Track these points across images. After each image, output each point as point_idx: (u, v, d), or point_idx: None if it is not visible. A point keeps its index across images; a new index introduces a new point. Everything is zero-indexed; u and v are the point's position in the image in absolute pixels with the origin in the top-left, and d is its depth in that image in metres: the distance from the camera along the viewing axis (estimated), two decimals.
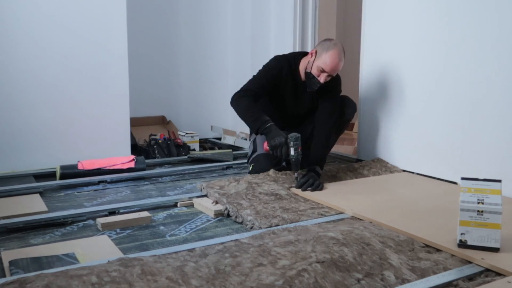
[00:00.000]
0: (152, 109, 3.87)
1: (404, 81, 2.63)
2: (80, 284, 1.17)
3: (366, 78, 2.89)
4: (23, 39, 2.61)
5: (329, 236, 1.51)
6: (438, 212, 1.87)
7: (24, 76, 2.64)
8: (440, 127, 2.44)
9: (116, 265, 1.30)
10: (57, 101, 2.73)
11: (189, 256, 1.40)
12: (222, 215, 1.96)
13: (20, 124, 2.65)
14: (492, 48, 2.16)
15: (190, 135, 3.48)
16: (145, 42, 3.75)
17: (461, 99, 2.32)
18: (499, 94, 2.15)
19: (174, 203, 2.13)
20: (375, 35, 2.81)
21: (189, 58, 3.99)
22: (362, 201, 2.02)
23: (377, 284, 1.28)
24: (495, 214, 1.42)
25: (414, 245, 1.54)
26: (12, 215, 1.88)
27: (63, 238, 1.71)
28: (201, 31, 4.01)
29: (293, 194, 2.15)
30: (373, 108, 2.85)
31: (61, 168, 2.55)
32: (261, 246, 1.46)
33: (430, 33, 2.45)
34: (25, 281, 1.19)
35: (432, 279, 1.30)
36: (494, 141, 2.18)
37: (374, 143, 2.85)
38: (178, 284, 1.20)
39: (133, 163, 2.71)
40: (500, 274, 1.35)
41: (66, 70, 2.74)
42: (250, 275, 1.26)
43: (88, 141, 2.83)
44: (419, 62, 2.53)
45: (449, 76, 2.38)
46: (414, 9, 2.54)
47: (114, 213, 1.96)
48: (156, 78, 3.88)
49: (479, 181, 1.51)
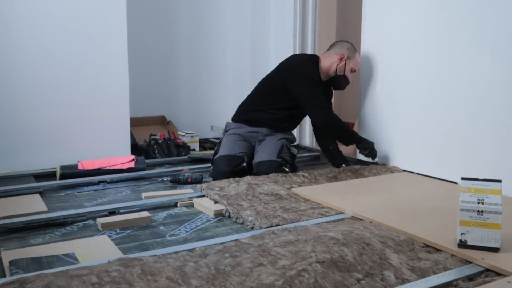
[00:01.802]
0: (152, 109, 3.87)
1: (404, 81, 2.63)
2: (80, 284, 1.17)
3: (366, 78, 2.89)
4: (23, 40, 2.62)
5: (329, 236, 1.51)
6: (438, 212, 1.87)
7: (24, 76, 2.64)
8: (440, 127, 2.44)
9: (116, 265, 1.30)
10: (57, 101, 2.73)
11: (189, 256, 1.40)
12: (222, 215, 1.96)
13: (20, 124, 2.66)
14: (492, 48, 2.16)
15: (190, 135, 3.48)
16: (145, 42, 3.75)
17: (461, 99, 2.32)
18: (499, 94, 2.14)
19: (174, 203, 2.13)
20: (375, 35, 2.81)
21: (189, 58, 3.99)
22: (362, 201, 2.02)
23: (377, 284, 1.28)
24: (495, 214, 1.42)
25: (414, 245, 1.54)
26: (12, 215, 1.88)
27: (63, 238, 1.71)
28: (201, 31, 4.00)
29: (293, 194, 2.15)
30: (373, 108, 2.84)
31: (61, 168, 2.55)
32: (261, 246, 1.46)
33: (430, 33, 2.45)
34: (25, 281, 1.19)
35: (432, 279, 1.30)
36: (494, 141, 2.18)
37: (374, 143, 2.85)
38: (178, 284, 1.20)
39: (133, 163, 2.71)
40: (500, 274, 1.34)
41: (66, 70, 2.74)
42: (250, 275, 1.26)
43: (88, 141, 2.83)
44: (419, 62, 2.53)
45: (449, 76, 2.38)
46: (414, 10, 2.54)
47: (114, 213, 1.96)
48: (156, 78, 3.88)
49: (479, 181, 1.51)
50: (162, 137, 3.27)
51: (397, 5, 2.64)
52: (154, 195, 2.22)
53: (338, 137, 2.73)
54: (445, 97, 2.40)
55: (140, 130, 3.53)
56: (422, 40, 2.50)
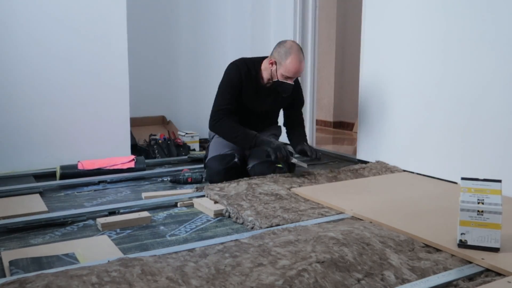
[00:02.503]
0: (152, 109, 3.87)
1: (404, 82, 2.63)
2: (80, 284, 1.17)
3: (366, 78, 2.89)
4: (23, 40, 2.61)
5: (329, 236, 1.51)
6: (438, 212, 1.87)
7: (24, 76, 2.64)
8: (440, 127, 2.44)
9: (116, 265, 1.30)
10: (57, 101, 2.73)
11: (189, 256, 1.40)
12: (222, 215, 1.96)
13: (20, 124, 2.66)
14: (491, 49, 2.16)
15: (190, 135, 3.48)
16: (145, 42, 3.75)
17: (461, 99, 2.32)
18: (499, 94, 2.15)
19: (174, 203, 2.13)
20: (375, 36, 2.81)
21: (189, 58, 3.99)
22: (362, 201, 2.02)
23: (377, 284, 1.28)
24: (495, 214, 1.42)
25: (414, 245, 1.54)
26: (12, 215, 1.88)
27: (63, 238, 1.71)
28: (201, 31, 4.00)
29: (293, 194, 2.15)
30: (373, 108, 2.85)
31: (61, 168, 2.55)
32: (261, 246, 1.46)
33: (431, 33, 2.45)
34: (25, 281, 1.19)
35: (432, 279, 1.30)
36: (494, 141, 2.18)
37: (374, 143, 2.85)
38: (178, 284, 1.20)
39: (133, 163, 2.72)
40: (500, 274, 1.35)
41: (66, 71, 2.74)
42: (250, 275, 1.26)
43: (88, 141, 2.83)
44: (419, 62, 2.53)
45: (448, 77, 2.38)
46: (414, 11, 2.54)
47: (114, 213, 1.96)
48: (156, 78, 3.88)
49: (479, 181, 1.51)
50: (162, 137, 3.27)
51: (398, 5, 2.64)
52: (154, 195, 2.22)
53: (233, 143, 2.50)
54: (445, 97, 2.40)
55: (140, 130, 3.53)
56: (423, 40, 2.51)
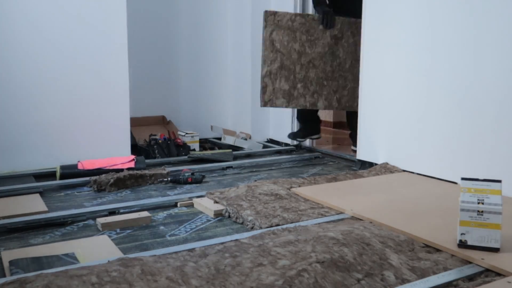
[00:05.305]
0: (152, 109, 3.87)
1: (404, 81, 2.63)
2: (80, 284, 1.17)
3: (366, 78, 2.89)
4: (23, 41, 2.61)
5: (329, 236, 1.51)
6: (438, 212, 1.87)
7: (24, 76, 2.64)
8: (440, 127, 2.44)
9: (116, 265, 1.30)
10: (57, 101, 2.73)
11: (189, 256, 1.40)
12: (222, 215, 1.96)
13: (20, 124, 2.65)
14: (492, 48, 2.16)
15: (190, 135, 3.48)
16: (145, 42, 3.75)
17: (461, 99, 2.32)
18: (499, 94, 2.15)
19: (174, 203, 2.13)
20: (375, 35, 2.80)
21: (189, 58, 3.99)
22: (362, 201, 2.02)
23: (377, 284, 1.28)
24: (495, 214, 1.42)
25: (414, 245, 1.54)
26: (12, 215, 1.88)
27: (63, 238, 1.71)
28: (201, 31, 4.01)
29: (293, 194, 2.15)
30: (373, 108, 2.84)
31: (61, 168, 2.55)
32: (261, 246, 1.46)
33: (430, 34, 2.45)
34: (25, 281, 1.19)
35: (432, 279, 1.30)
36: (494, 141, 2.18)
37: (374, 143, 2.85)
38: (178, 284, 1.21)
39: (133, 163, 2.71)
40: (500, 274, 1.35)
41: (66, 71, 2.74)
42: (250, 275, 1.26)
43: (88, 141, 2.83)
44: (420, 62, 2.53)
45: (448, 76, 2.38)
46: (414, 11, 2.54)
47: (114, 213, 1.96)
48: (156, 78, 3.88)
49: (479, 181, 1.51)
50: (162, 137, 3.27)
51: (398, 5, 2.64)
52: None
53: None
54: (444, 97, 2.40)
55: (140, 130, 3.53)
56: (423, 40, 2.50)
